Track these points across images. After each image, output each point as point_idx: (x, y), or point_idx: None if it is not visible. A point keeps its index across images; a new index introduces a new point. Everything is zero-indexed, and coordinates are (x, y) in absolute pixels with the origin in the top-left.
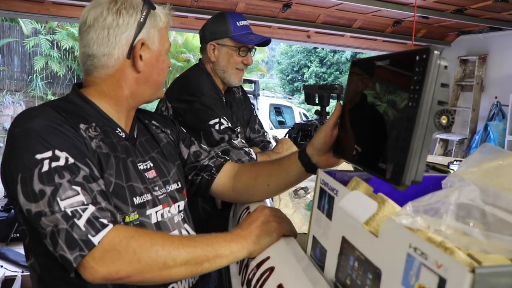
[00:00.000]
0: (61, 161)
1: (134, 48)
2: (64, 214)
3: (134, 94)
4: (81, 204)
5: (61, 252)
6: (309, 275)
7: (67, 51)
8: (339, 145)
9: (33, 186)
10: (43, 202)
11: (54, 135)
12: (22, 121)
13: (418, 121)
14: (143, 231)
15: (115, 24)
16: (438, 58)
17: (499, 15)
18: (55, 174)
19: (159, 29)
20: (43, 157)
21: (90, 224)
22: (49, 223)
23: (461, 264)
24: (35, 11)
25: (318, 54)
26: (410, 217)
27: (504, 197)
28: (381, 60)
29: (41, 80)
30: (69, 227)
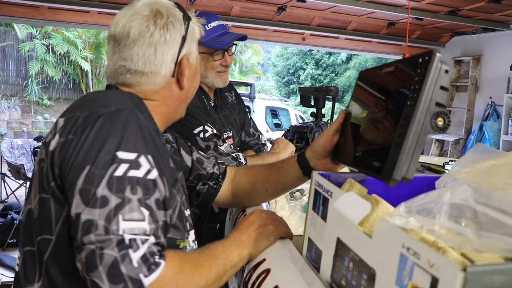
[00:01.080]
0: (141, 171)
1: (180, 64)
2: (120, 240)
3: (175, 111)
4: (142, 233)
5: (97, 280)
6: (305, 276)
7: (62, 56)
8: (338, 150)
9: (97, 188)
10: (101, 212)
11: (145, 136)
12: (113, 103)
13: (414, 120)
14: (183, 260)
15: (163, 40)
16: (440, 61)
17: (492, 16)
18: (128, 186)
19: (196, 43)
20: (123, 157)
21: (145, 261)
22: (96, 241)
23: (452, 263)
24: (30, 16)
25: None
26: (403, 217)
27: (497, 197)
28: (388, 67)
29: (37, 85)
30: (120, 257)
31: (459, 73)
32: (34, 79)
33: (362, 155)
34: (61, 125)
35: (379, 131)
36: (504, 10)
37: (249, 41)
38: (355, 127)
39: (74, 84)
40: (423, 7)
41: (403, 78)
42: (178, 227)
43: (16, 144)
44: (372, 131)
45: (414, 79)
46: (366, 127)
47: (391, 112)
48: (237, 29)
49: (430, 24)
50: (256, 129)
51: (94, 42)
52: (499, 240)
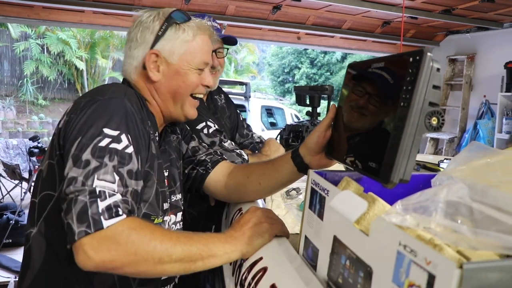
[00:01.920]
0: (121, 145)
1: (149, 58)
2: (91, 190)
3: (165, 106)
4: (111, 190)
5: (70, 220)
6: (301, 274)
7: (57, 56)
8: (331, 146)
9: (83, 153)
10: (82, 171)
11: (129, 120)
12: (108, 93)
13: (409, 121)
14: (146, 225)
15: (135, 39)
16: (431, 60)
17: (486, 15)
18: (107, 154)
19: (184, 42)
20: (108, 133)
21: (108, 209)
22: (74, 191)
23: (449, 260)
24: (25, 16)
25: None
26: (399, 215)
27: (492, 194)
28: (376, 62)
29: (32, 85)
30: (89, 202)
31: (453, 71)
32: (29, 79)
33: (356, 152)
34: (69, 108)
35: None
36: (498, 9)
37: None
38: (347, 122)
39: (69, 84)
40: (418, 6)
41: (394, 75)
42: (153, 205)
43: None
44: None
45: (405, 79)
46: (357, 123)
47: (382, 108)
48: (232, 29)
49: (424, 23)
50: (249, 129)
51: (89, 42)
52: (495, 237)
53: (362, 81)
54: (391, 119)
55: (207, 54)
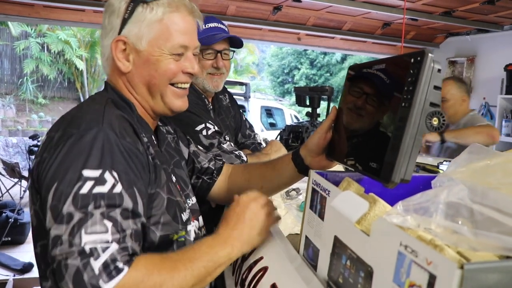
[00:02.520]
0: (106, 186)
1: (115, 46)
2: (81, 251)
3: (144, 100)
4: (104, 242)
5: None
6: (302, 274)
7: (57, 54)
8: (332, 147)
9: (63, 205)
10: (66, 227)
11: (112, 152)
12: (83, 123)
13: (410, 121)
14: (151, 266)
15: (104, 26)
16: (432, 61)
17: (486, 17)
18: (92, 201)
19: (151, 24)
20: (89, 175)
21: (105, 267)
22: (62, 253)
23: (450, 261)
24: (25, 14)
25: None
26: (400, 216)
27: (492, 196)
28: (377, 64)
29: (32, 83)
30: (82, 265)
31: (453, 73)
32: (29, 77)
33: (357, 153)
34: (42, 142)
35: (372, 129)
36: (498, 12)
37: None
38: (348, 124)
39: (69, 82)
40: (418, 7)
41: (395, 77)
42: (168, 223)
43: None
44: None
45: (407, 79)
46: (358, 124)
47: (383, 109)
48: (233, 29)
49: (424, 25)
50: (252, 130)
51: (89, 41)
52: (495, 239)
53: (364, 83)
54: (392, 119)
55: (184, 36)
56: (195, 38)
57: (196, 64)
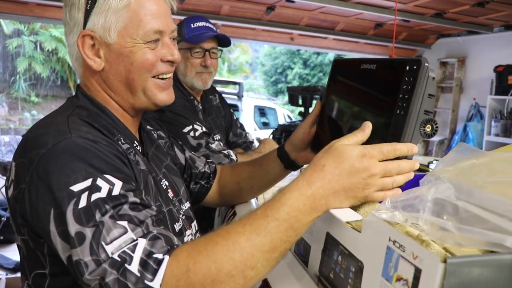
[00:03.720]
0: (103, 191)
1: (82, 43)
2: (112, 262)
3: (118, 100)
4: (129, 242)
5: None
6: (293, 270)
7: (50, 53)
8: (317, 141)
9: (68, 228)
10: (82, 249)
11: (93, 156)
12: (49, 138)
13: (406, 129)
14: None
15: (66, 21)
16: (428, 70)
17: (477, 19)
18: (96, 210)
19: (117, 11)
20: (80, 188)
21: (144, 266)
22: (96, 277)
23: (434, 255)
24: (19, 12)
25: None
26: (389, 211)
27: (477, 194)
28: (367, 63)
29: (25, 82)
30: (121, 276)
31: (444, 74)
32: (22, 75)
33: None
34: (13, 173)
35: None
36: (488, 14)
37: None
38: (333, 118)
39: (62, 81)
40: (410, 9)
41: (387, 80)
42: None
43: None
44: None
45: (402, 87)
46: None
47: (371, 109)
48: (226, 28)
49: (416, 26)
50: (243, 128)
51: None
52: (479, 234)
53: (350, 80)
54: (385, 124)
55: (157, 19)
56: (170, 20)
57: (175, 49)
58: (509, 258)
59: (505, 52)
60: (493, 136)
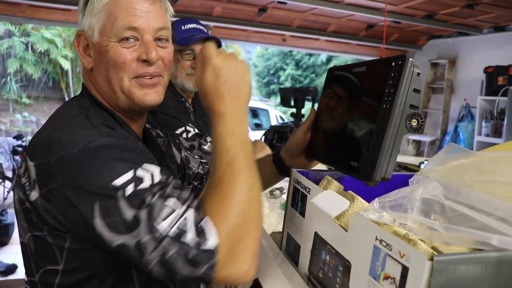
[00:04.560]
0: (146, 179)
1: (77, 42)
2: (169, 238)
3: (108, 100)
4: (180, 216)
5: (185, 276)
6: (284, 269)
7: (42, 54)
8: (312, 147)
9: (123, 214)
10: (139, 231)
11: (127, 150)
12: (76, 140)
13: (391, 122)
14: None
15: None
16: (412, 65)
17: (467, 21)
18: (144, 195)
19: (98, 10)
20: (124, 181)
21: (200, 232)
22: (156, 253)
23: (421, 253)
24: (10, 13)
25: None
26: (377, 212)
27: (465, 193)
28: (358, 67)
29: (16, 83)
30: (180, 249)
31: (435, 75)
32: (13, 77)
33: (337, 153)
34: (34, 173)
35: (352, 130)
36: (477, 16)
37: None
38: (328, 124)
39: (54, 82)
40: (401, 10)
41: (376, 79)
42: None
43: None
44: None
45: (388, 82)
46: (338, 125)
47: (362, 111)
48: (218, 30)
49: (407, 27)
50: None
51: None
52: (465, 233)
53: (345, 85)
54: (373, 120)
55: (132, 16)
56: (154, 18)
57: (154, 49)
58: (494, 255)
59: (495, 53)
60: (483, 137)
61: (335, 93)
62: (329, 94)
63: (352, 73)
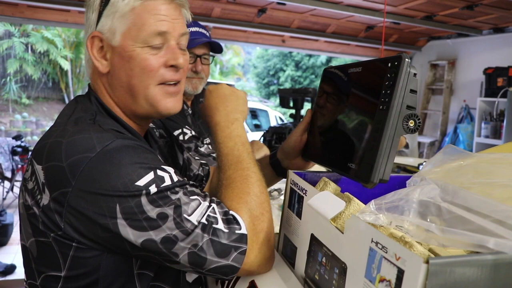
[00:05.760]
0: (167, 179)
1: (91, 44)
2: (201, 228)
3: (121, 105)
4: (207, 208)
5: (214, 265)
6: (280, 271)
7: (42, 54)
8: (308, 148)
9: (148, 213)
10: (168, 225)
11: (144, 152)
12: (91, 144)
13: (388, 123)
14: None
15: (84, 21)
16: (409, 66)
17: (466, 22)
18: (168, 193)
19: (123, 14)
20: (146, 181)
21: (227, 221)
22: (186, 245)
23: (417, 256)
24: (9, 14)
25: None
26: (373, 214)
27: (462, 195)
28: (354, 67)
29: (15, 83)
30: (213, 236)
31: (434, 76)
32: (13, 77)
33: (334, 154)
34: (42, 176)
35: (348, 131)
36: (477, 17)
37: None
38: (324, 125)
39: (54, 83)
40: (400, 11)
41: (372, 80)
42: None
43: None
44: (339, 130)
45: (384, 83)
46: (334, 125)
47: (359, 111)
48: (217, 31)
49: (407, 29)
50: None
51: (74, 41)
52: (462, 235)
53: (339, 85)
54: (370, 121)
55: (162, 22)
56: (179, 24)
57: (181, 54)
58: (491, 258)
59: (494, 54)
60: (483, 138)
61: (330, 93)
62: (324, 95)
63: (348, 73)
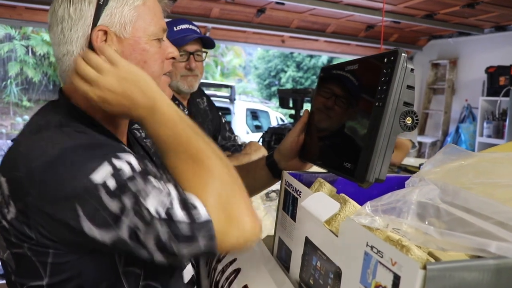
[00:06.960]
0: (125, 168)
1: (96, 39)
2: (158, 219)
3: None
4: (165, 196)
5: (187, 253)
6: (274, 276)
7: (42, 57)
8: (306, 149)
9: (107, 209)
10: (129, 217)
11: (97, 145)
12: (43, 150)
13: (384, 120)
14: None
15: (67, 15)
16: (405, 60)
17: (467, 21)
18: (126, 183)
19: (135, 7)
20: (103, 176)
21: (185, 208)
22: (152, 239)
23: (413, 261)
24: (7, 16)
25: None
26: (369, 216)
27: (463, 196)
28: (350, 65)
29: (16, 86)
30: (172, 229)
31: (436, 76)
32: (13, 80)
33: (330, 154)
34: (7, 189)
35: (345, 130)
36: (478, 15)
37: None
38: (321, 125)
39: (55, 85)
40: (400, 10)
41: (369, 76)
42: None
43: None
44: (336, 130)
45: (381, 79)
46: (331, 125)
47: (356, 110)
48: (216, 31)
49: (407, 28)
50: (232, 132)
51: None
52: (462, 238)
53: (337, 84)
54: (366, 119)
55: (162, 19)
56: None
57: (174, 47)
58: (493, 263)
59: (496, 53)
60: (485, 138)
61: (327, 93)
62: (321, 94)
63: (345, 71)
